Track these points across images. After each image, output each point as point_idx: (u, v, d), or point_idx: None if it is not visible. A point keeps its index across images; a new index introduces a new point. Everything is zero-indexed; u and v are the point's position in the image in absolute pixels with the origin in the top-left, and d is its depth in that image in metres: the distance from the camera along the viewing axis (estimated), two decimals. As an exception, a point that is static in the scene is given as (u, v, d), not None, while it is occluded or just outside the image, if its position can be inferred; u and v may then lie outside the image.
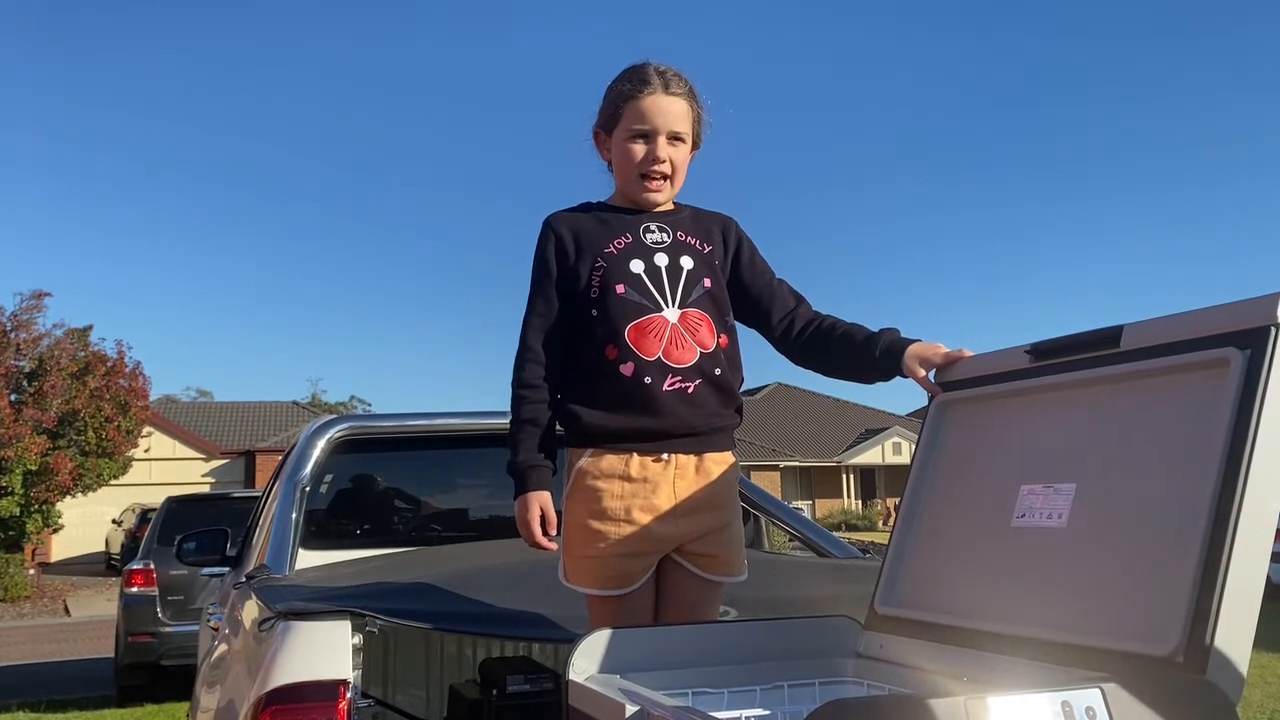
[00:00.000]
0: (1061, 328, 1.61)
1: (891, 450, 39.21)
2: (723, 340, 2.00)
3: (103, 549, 26.76)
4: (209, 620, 3.78)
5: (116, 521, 25.47)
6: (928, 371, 1.87)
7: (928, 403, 1.85)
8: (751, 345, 2.11)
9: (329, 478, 3.77)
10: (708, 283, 2.01)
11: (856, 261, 72.54)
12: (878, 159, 68.53)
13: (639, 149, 2.00)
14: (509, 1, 71.81)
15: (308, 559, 3.03)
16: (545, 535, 1.91)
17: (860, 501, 39.51)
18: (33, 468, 18.94)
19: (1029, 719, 1.02)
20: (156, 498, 12.08)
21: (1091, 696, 1.05)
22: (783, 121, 68.30)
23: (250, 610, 2.37)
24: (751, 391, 40.10)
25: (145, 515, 19.51)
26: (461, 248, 77.68)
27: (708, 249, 2.05)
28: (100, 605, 16.97)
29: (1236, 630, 1.16)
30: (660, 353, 1.93)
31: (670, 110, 1.99)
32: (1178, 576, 1.21)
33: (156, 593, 8.44)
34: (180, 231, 69.23)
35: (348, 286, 76.97)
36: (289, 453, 3.32)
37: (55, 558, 26.51)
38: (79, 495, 20.99)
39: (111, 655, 8.97)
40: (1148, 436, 1.38)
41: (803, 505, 34.81)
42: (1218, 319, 1.34)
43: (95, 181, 62.40)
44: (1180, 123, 63.77)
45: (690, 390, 1.94)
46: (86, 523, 26.25)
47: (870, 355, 1.95)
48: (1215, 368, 1.31)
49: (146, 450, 24.92)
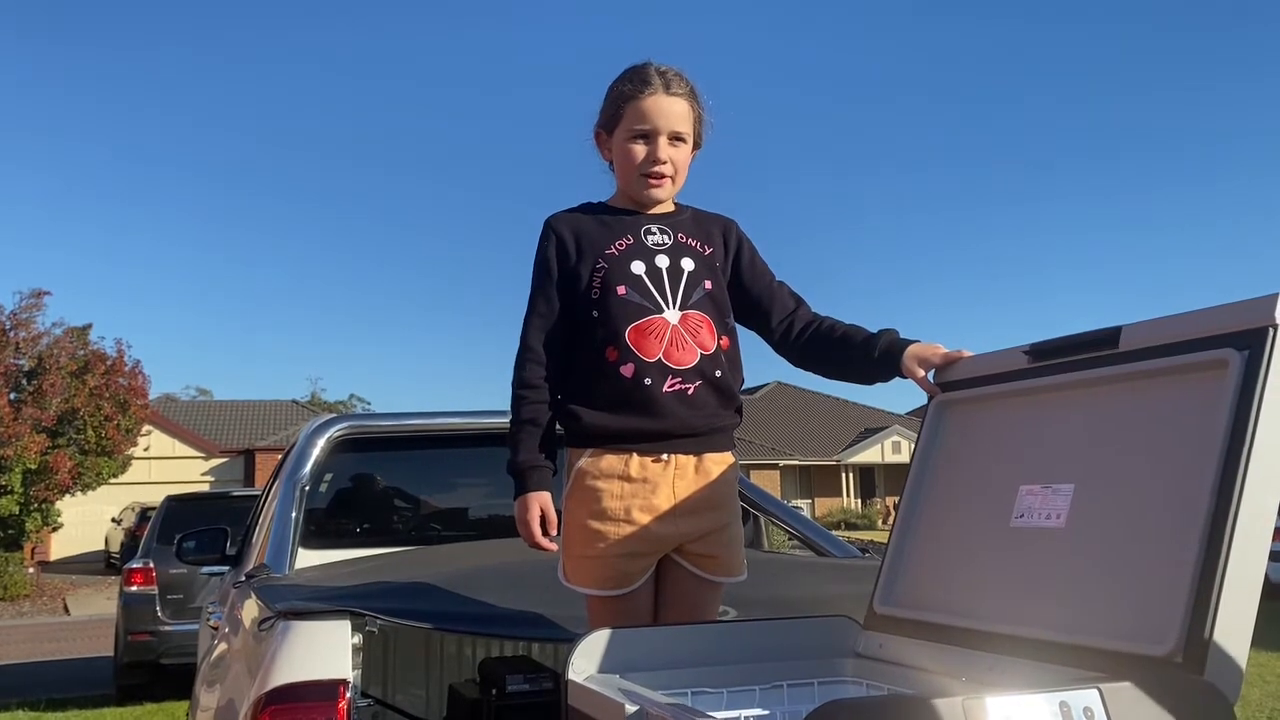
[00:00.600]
0: (1060, 328, 1.61)
1: (891, 449, 39.22)
2: (723, 342, 2.00)
3: (102, 548, 26.76)
4: (209, 619, 3.78)
5: (116, 520, 25.47)
6: (927, 372, 1.88)
7: (927, 403, 1.86)
8: (751, 344, 2.11)
9: (329, 477, 3.77)
10: (708, 285, 2.01)
11: (855, 259, 72.63)
12: (874, 154, 68.58)
13: (640, 149, 2.00)
14: (510, 1, 71.83)
15: (307, 558, 3.04)
16: (545, 535, 1.91)
17: (860, 500, 39.51)
18: (32, 466, 18.94)
19: (1027, 719, 1.02)
20: (156, 496, 12.08)
21: (1089, 697, 1.05)
22: (780, 114, 68.37)
23: (250, 609, 2.38)
24: (751, 390, 40.09)
25: (145, 514, 19.53)
26: (462, 246, 77.73)
27: (708, 251, 2.05)
28: (100, 604, 16.97)
29: (1234, 630, 1.17)
30: (661, 354, 1.93)
31: (671, 111, 1.99)
32: (1176, 576, 1.22)
33: (156, 591, 8.44)
34: (180, 230, 69.28)
35: (347, 285, 77.03)
36: (289, 452, 3.33)
37: (55, 556, 26.50)
38: (78, 494, 20.99)
39: (111, 654, 8.96)
40: (1146, 437, 1.38)
41: (802, 504, 34.82)
42: (1216, 320, 1.34)
43: (95, 180, 62.45)
44: (1181, 118, 63.83)
45: (690, 391, 1.94)
46: (86, 521, 26.25)
47: (869, 356, 1.95)
48: (1213, 368, 1.31)
49: (146, 449, 24.90)
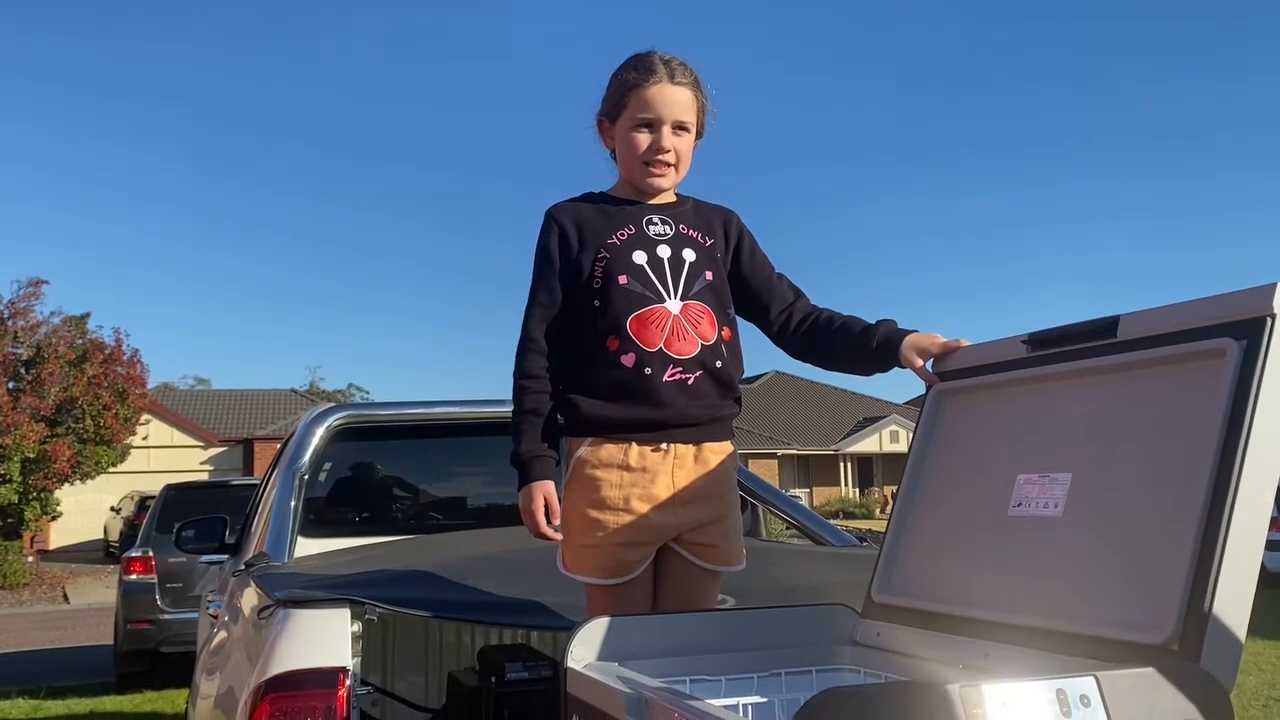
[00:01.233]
0: (1059, 318, 1.62)
1: (889, 438, 39.27)
2: (724, 333, 2.01)
3: (101, 536, 26.78)
4: (208, 608, 3.79)
5: (115, 509, 25.48)
6: (925, 362, 1.88)
7: (925, 392, 1.86)
8: (750, 333, 2.11)
9: (328, 466, 3.77)
10: (709, 275, 2.01)
11: (851, 250, 72.58)
12: (871, 141, 68.48)
13: (644, 138, 2.00)
14: (507, -12, 71.60)
15: (306, 547, 3.04)
16: (549, 525, 1.92)
17: (858, 490, 39.58)
18: (31, 455, 18.97)
19: (1024, 706, 1.03)
20: (155, 486, 12.07)
21: (1086, 684, 1.06)
22: (775, 100, 68.22)
23: (249, 598, 2.38)
24: (750, 380, 40.12)
25: (144, 503, 19.51)
26: (461, 235, 77.65)
27: (709, 242, 2.05)
28: (99, 593, 17.00)
29: (1231, 618, 1.17)
30: (662, 344, 1.93)
31: (676, 100, 1.99)
32: (1173, 565, 1.22)
33: (155, 580, 8.46)
34: (177, 220, 69.17)
35: (346, 274, 76.96)
36: (287, 441, 3.33)
37: (54, 545, 26.53)
38: (77, 483, 21.02)
39: (111, 642, 8.99)
40: (1144, 426, 1.38)
41: (800, 493, 34.85)
42: (1214, 309, 1.34)
43: (92, 169, 62.31)
44: (1182, 108, 63.74)
45: (690, 381, 1.94)
46: (85, 510, 26.26)
47: (868, 347, 1.95)
48: (1211, 358, 1.31)
49: (144, 438, 24.92)
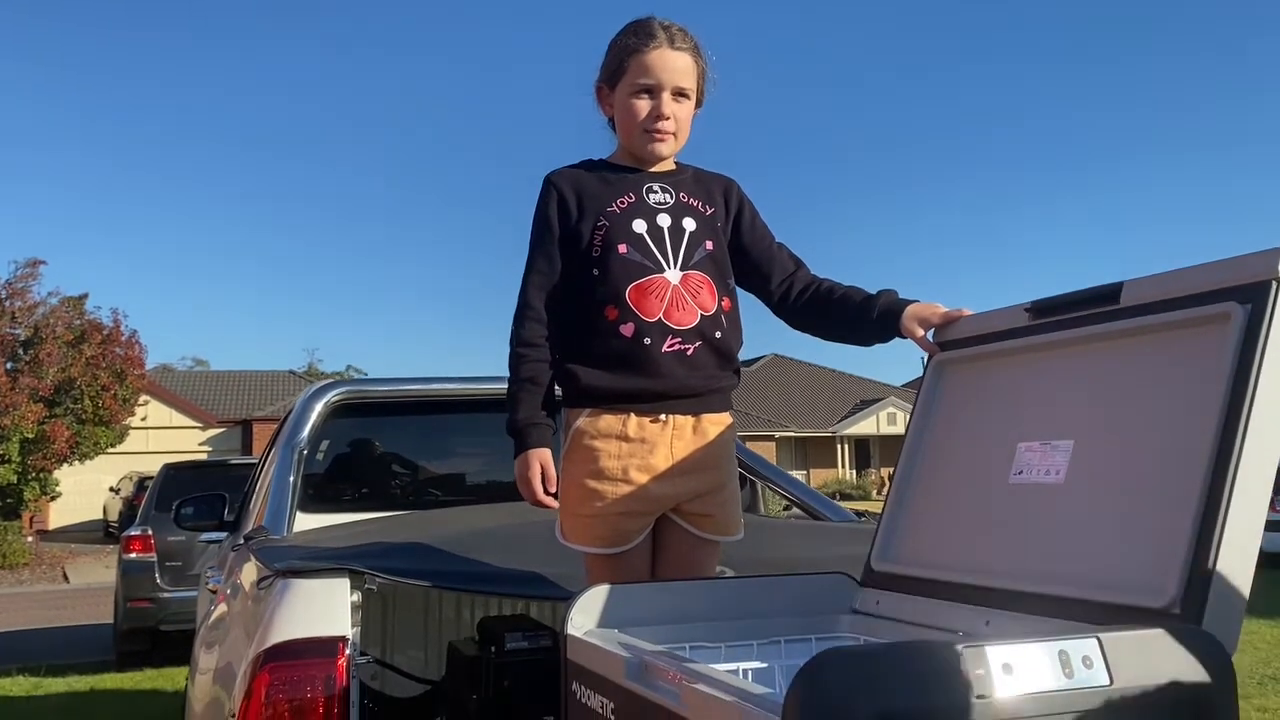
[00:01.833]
0: (1061, 286, 1.61)
1: (886, 420, 39.30)
2: (724, 303, 1.99)
3: (100, 517, 26.82)
4: (208, 584, 3.79)
5: (114, 489, 25.51)
6: (926, 331, 1.87)
7: (925, 363, 1.85)
8: (748, 316, 2.10)
9: (326, 442, 3.77)
10: (710, 245, 2.00)
11: (854, 225, 72.43)
12: (869, 127, 68.23)
13: (643, 104, 1.98)
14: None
15: (305, 522, 3.04)
16: (546, 492, 1.91)
17: (855, 471, 39.65)
18: (29, 436, 18.96)
19: (1026, 667, 1.03)
20: (153, 466, 12.07)
21: (1089, 646, 1.06)
22: (772, 82, 67.95)
23: (248, 571, 2.38)
24: (748, 362, 40.11)
25: (142, 483, 19.52)
26: (460, 213, 77.42)
27: (710, 210, 2.03)
28: (99, 572, 17.03)
29: (1233, 582, 1.17)
30: (661, 314, 1.92)
31: (676, 65, 1.97)
32: (1175, 529, 1.22)
33: (155, 559, 8.48)
34: (176, 201, 68.98)
35: (345, 256, 76.81)
36: (286, 417, 3.32)
37: (53, 525, 26.59)
38: (76, 463, 21.04)
39: (110, 621, 9.01)
40: (1147, 392, 1.38)
41: (798, 475, 34.82)
42: (1218, 274, 1.33)
43: (89, 149, 62.09)
44: (1182, 79, 63.48)
45: (690, 352, 1.93)
46: (84, 491, 26.28)
47: (868, 316, 1.94)
48: (1215, 323, 1.30)
49: (143, 419, 24.91)
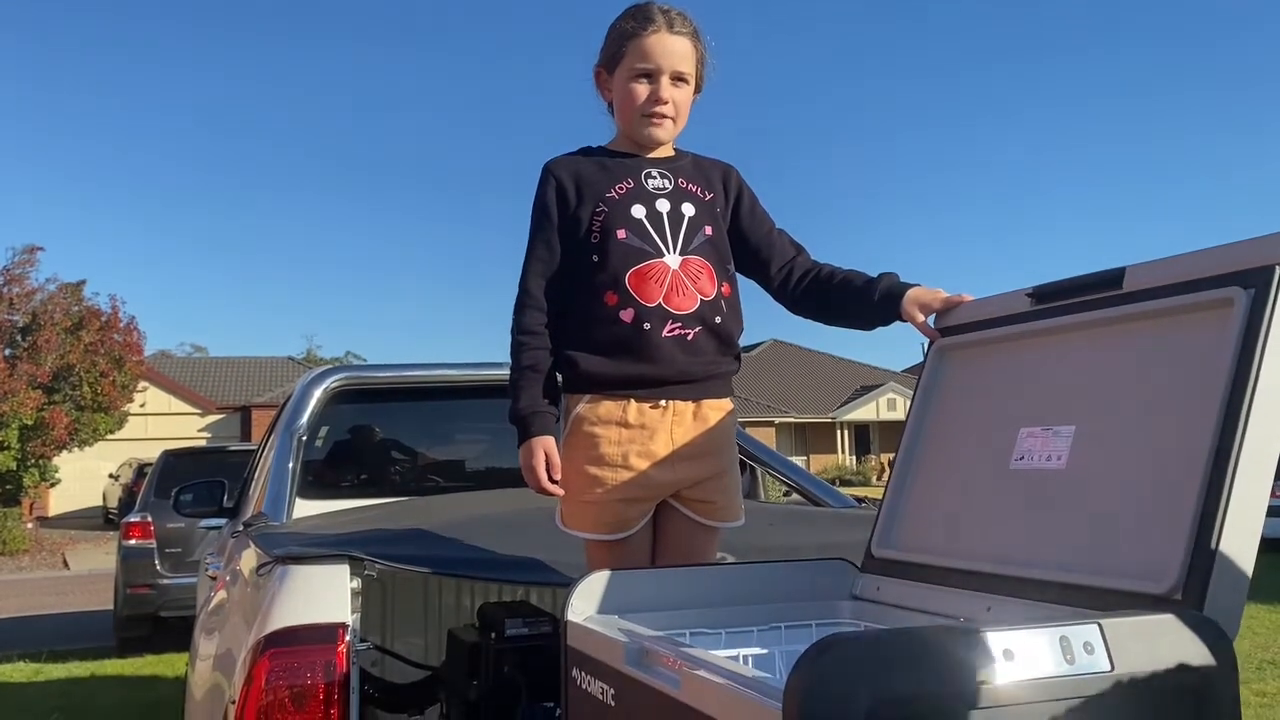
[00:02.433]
0: (1063, 271, 1.60)
1: (886, 406, 39.32)
2: (724, 289, 1.99)
3: (100, 503, 26.86)
4: (207, 570, 3.79)
5: (113, 476, 25.54)
6: (927, 317, 1.86)
7: (927, 348, 1.85)
8: (749, 302, 2.09)
9: (325, 429, 3.77)
10: (709, 230, 1.99)
11: (854, 210, 72.30)
12: (867, 109, 68.04)
13: (642, 89, 1.97)
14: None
15: (304, 508, 3.03)
16: (550, 480, 1.91)
17: (855, 457, 39.69)
18: (28, 422, 18.97)
19: (1028, 653, 1.02)
20: (152, 453, 12.06)
21: (1090, 631, 1.05)
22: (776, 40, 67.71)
23: (248, 557, 2.38)
24: (748, 348, 40.08)
25: (142, 470, 19.53)
26: (461, 199, 77.27)
27: (709, 196, 2.03)
28: (99, 558, 17.06)
29: (1235, 568, 1.16)
30: (661, 299, 1.91)
31: (674, 50, 1.96)
32: (1177, 515, 1.21)
33: (154, 545, 8.49)
34: (173, 186, 68.82)
35: (343, 241, 76.66)
36: (285, 403, 3.32)
37: (53, 512, 26.62)
38: (75, 450, 21.06)
39: (110, 607, 9.03)
40: (1150, 377, 1.37)
41: (798, 461, 34.88)
42: (1221, 259, 1.32)
43: (86, 135, 61.87)
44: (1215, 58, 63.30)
45: (690, 337, 1.93)
46: (83, 477, 26.32)
47: (870, 300, 1.94)
48: (1218, 308, 1.30)
49: (142, 405, 24.93)
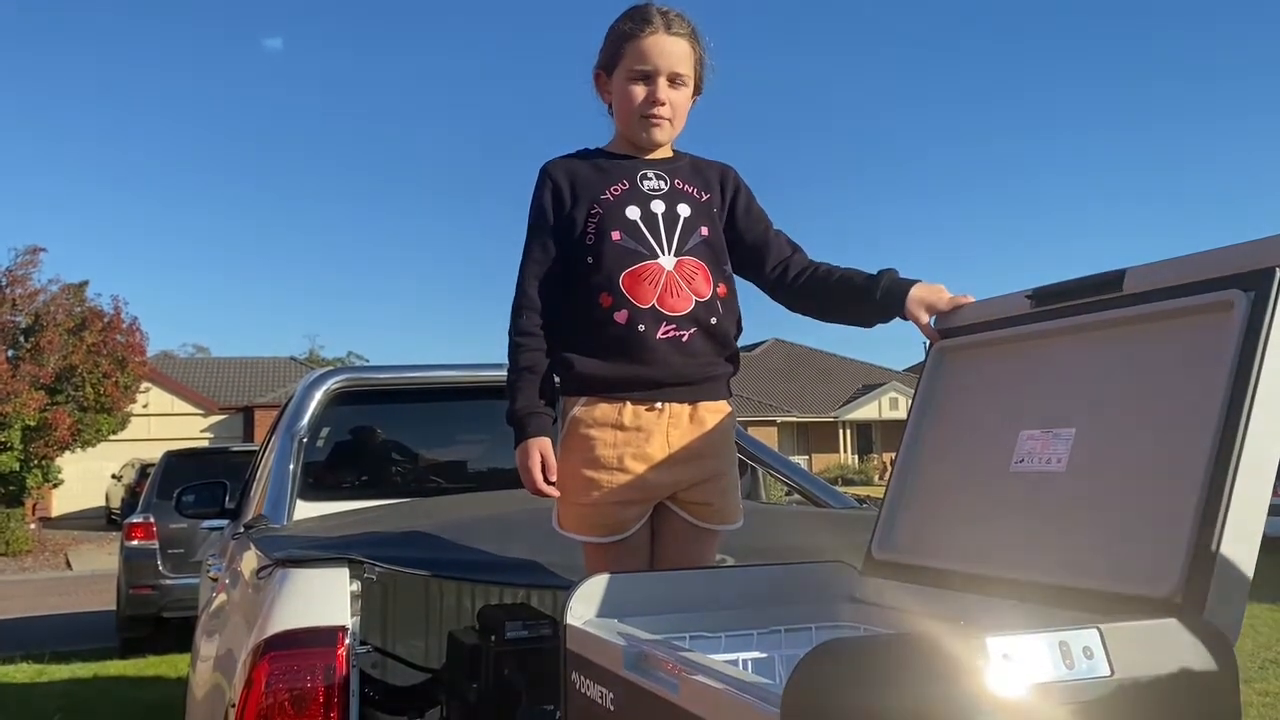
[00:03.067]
0: (1063, 274, 1.60)
1: (888, 405, 39.30)
2: (720, 289, 1.98)
3: (103, 504, 26.89)
4: (208, 571, 3.80)
5: (116, 476, 25.57)
6: (930, 317, 1.85)
7: (927, 349, 1.84)
8: (748, 300, 2.10)
9: (326, 430, 3.77)
10: (705, 231, 1.99)
11: (855, 208, 72.30)
12: (868, 108, 68.03)
13: (639, 90, 1.97)
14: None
15: (305, 510, 3.04)
16: (546, 481, 1.91)
17: (857, 456, 39.69)
18: (31, 423, 19.00)
19: (1027, 658, 1.02)
20: (155, 453, 12.10)
21: (1089, 636, 1.05)
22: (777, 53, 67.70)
23: (249, 560, 2.38)
24: (749, 347, 40.11)
25: (144, 470, 19.56)
26: (461, 202, 77.30)
27: (705, 197, 2.02)
28: (101, 559, 17.08)
29: (1235, 571, 1.16)
30: (655, 300, 1.91)
31: (672, 51, 1.96)
32: (1177, 518, 1.21)
33: (157, 546, 8.51)
34: (176, 187, 68.89)
35: (346, 241, 76.72)
36: (287, 404, 3.32)
37: (56, 513, 26.65)
38: (78, 450, 21.08)
39: (113, 608, 9.04)
40: (1150, 380, 1.37)
41: (799, 460, 34.94)
42: (1222, 261, 1.32)
43: (89, 136, 61.94)
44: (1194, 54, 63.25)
45: (685, 338, 1.93)
46: (86, 478, 26.33)
47: (871, 296, 1.93)
48: (1219, 310, 1.29)
49: (145, 406, 24.95)
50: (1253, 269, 1.27)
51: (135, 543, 8.56)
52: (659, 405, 1.93)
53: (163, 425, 28.65)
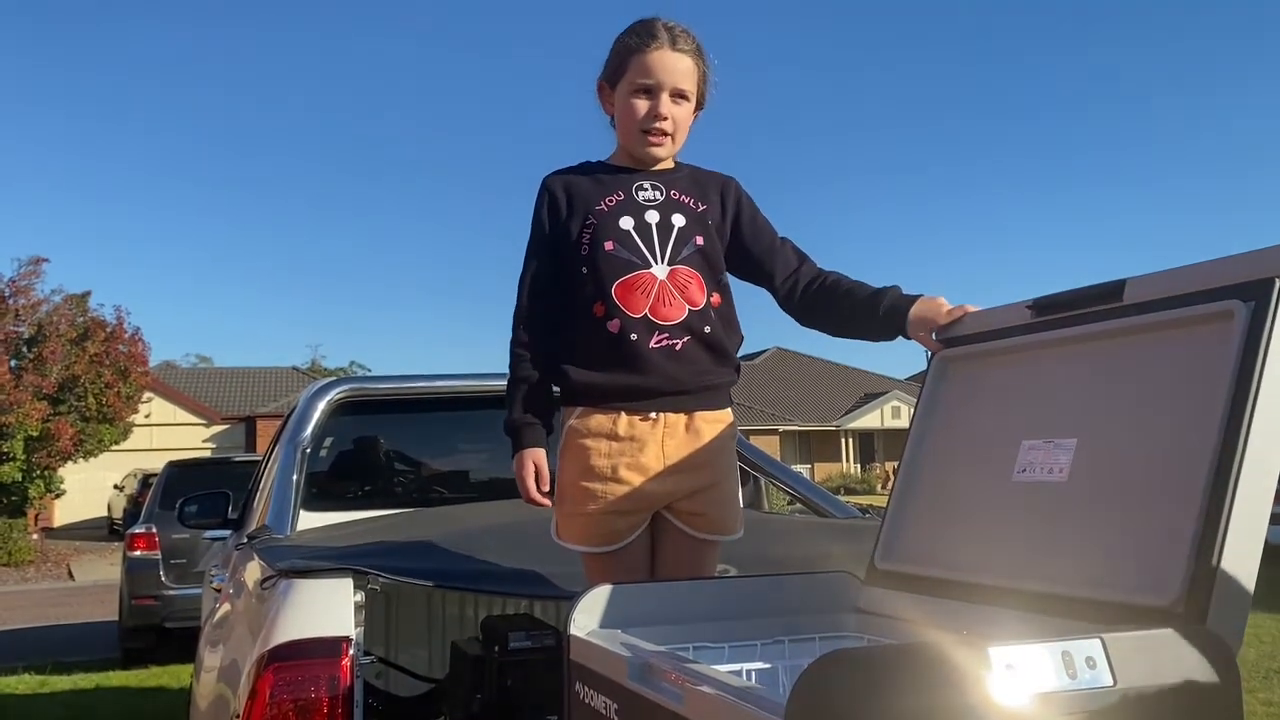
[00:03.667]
0: (1064, 284, 1.60)
1: (891, 414, 39.26)
2: (714, 299, 1.99)
3: (105, 514, 26.88)
4: (211, 582, 3.79)
5: (118, 487, 25.57)
6: (929, 333, 1.86)
7: (929, 359, 1.85)
8: (751, 308, 2.10)
9: (329, 440, 3.77)
10: (699, 240, 2.00)
11: (855, 212, 72.35)
12: (870, 110, 68.13)
13: (642, 104, 1.98)
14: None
15: (309, 520, 3.04)
16: (539, 491, 1.93)
17: (859, 465, 39.62)
18: (34, 433, 18.99)
19: (1029, 668, 1.02)
20: (157, 463, 12.11)
21: (1092, 646, 1.05)
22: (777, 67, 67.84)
23: (252, 570, 2.38)
24: (751, 356, 40.13)
25: (147, 480, 19.56)
26: (465, 209, 77.41)
27: (702, 208, 2.03)
28: (103, 570, 17.07)
29: (1237, 581, 1.16)
30: (647, 309, 1.92)
31: (676, 67, 1.97)
32: (1179, 528, 1.21)
33: (159, 556, 8.50)
34: (178, 197, 69.04)
35: (348, 251, 76.83)
36: (290, 415, 3.32)
37: (58, 523, 26.64)
38: (80, 461, 21.07)
39: (115, 618, 9.04)
40: (1151, 390, 1.37)
41: (802, 469, 34.81)
42: (1221, 271, 1.33)
43: (91, 147, 62.11)
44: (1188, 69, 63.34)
45: (678, 347, 1.93)
46: (88, 488, 26.34)
47: (874, 314, 1.93)
48: (1219, 320, 1.30)
49: (147, 416, 24.97)
50: (1252, 279, 1.28)
51: (138, 553, 8.56)
52: (654, 415, 1.93)
53: (165, 435, 28.66)
